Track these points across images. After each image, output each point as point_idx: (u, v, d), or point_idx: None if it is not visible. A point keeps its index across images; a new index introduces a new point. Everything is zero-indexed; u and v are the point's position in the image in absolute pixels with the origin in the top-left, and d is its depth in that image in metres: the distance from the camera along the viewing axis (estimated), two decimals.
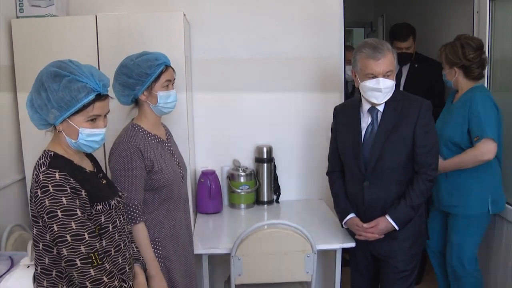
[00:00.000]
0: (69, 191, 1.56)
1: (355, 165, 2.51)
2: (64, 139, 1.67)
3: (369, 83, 2.36)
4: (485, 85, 3.02)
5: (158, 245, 2.19)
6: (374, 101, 2.41)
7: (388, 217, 2.43)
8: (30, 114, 1.67)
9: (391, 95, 2.41)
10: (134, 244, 1.99)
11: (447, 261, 2.88)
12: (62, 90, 1.58)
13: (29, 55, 2.70)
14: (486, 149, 2.64)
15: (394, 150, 2.41)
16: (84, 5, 3.09)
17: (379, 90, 2.35)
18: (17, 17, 2.82)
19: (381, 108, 2.46)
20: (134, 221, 2.07)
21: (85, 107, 1.63)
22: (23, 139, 2.78)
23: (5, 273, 2.00)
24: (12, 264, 2.09)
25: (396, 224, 2.42)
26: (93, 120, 1.67)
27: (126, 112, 2.34)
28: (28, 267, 1.87)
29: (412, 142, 2.40)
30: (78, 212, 1.57)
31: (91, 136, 1.68)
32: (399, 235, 2.47)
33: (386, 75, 2.35)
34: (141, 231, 2.09)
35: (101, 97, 1.66)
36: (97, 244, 1.60)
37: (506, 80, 3.05)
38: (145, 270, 1.99)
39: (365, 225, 2.49)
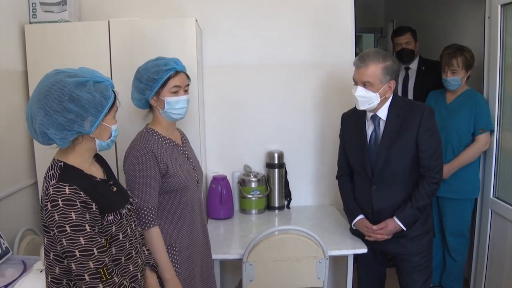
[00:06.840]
0: (78, 206, 1.54)
1: (363, 170, 2.62)
2: (79, 148, 1.66)
3: (352, 90, 2.50)
4: (497, 90, 3.11)
5: (174, 250, 2.18)
6: (357, 106, 2.52)
7: (396, 219, 2.54)
8: (53, 135, 1.58)
9: (372, 105, 2.49)
10: (145, 247, 1.97)
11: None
12: (95, 94, 1.58)
13: (42, 60, 2.71)
14: (486, 140, 3.15)
15: (399, 156, 2.50)
16: (96, 10, 3.11)
17: (355, 97, 2.47)
18: (30, 23, 2.84)
19: (383, 115, 2.54)
20: (148, 225, 2.05)
21: (113, 104, 1.66)
22: (35, 144, 2.78)
23: (18, 277, 2.00)
24: (25, 268, 2.10)
25: (404, 225, 2.54)
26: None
27: (142, 117, 2.36)
28: (41, 271, 1.87)
29: (416, 146, 2.48)
30: (87, 227, 1.55)
31: (116, 131, 1.73)
32: (408, 233, 2.57)
33: (364, 85, 2.44)
34: (155, 235, 2.07)
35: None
36: (106, 259, 1.59)
37: None
38: (156, 272, 1.98)
39: (374, 227, 2.59)
